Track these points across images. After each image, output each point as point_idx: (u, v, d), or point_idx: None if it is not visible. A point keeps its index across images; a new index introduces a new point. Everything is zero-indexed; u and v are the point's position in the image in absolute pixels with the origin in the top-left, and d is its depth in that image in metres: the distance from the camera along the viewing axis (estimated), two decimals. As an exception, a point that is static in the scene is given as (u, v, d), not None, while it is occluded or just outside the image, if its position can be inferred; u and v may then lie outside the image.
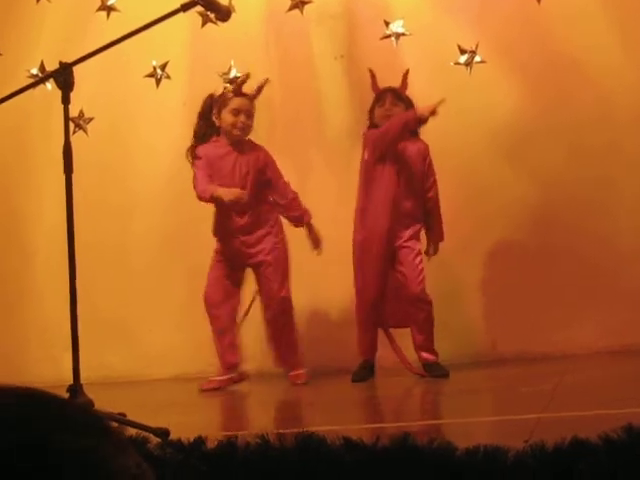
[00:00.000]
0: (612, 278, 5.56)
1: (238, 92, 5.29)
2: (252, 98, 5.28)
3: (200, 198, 5.17)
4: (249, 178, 5.24)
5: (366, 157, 5.24)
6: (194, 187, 5.16)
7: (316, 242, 5.32)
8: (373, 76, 5.32)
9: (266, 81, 5.32)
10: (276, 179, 5.31)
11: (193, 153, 5.24)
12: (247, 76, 5.30)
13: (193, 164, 5.23)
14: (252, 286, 5.31)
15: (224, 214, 5.24)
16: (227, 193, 5.07)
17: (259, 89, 5.29)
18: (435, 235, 5.30)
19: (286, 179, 5.34)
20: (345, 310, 5.48)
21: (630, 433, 2.23)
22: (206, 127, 5.25)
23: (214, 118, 5.25)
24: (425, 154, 5.30)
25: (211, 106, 5.27)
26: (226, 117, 5.24)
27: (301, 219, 5.33)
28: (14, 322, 6.12)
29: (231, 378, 5.24)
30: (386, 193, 5.19)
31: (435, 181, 5.29)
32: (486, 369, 5.28)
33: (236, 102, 5.24)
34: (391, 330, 5.29)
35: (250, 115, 5.26)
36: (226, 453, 2.49)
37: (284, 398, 5.01)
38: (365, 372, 5.17)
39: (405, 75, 5.27)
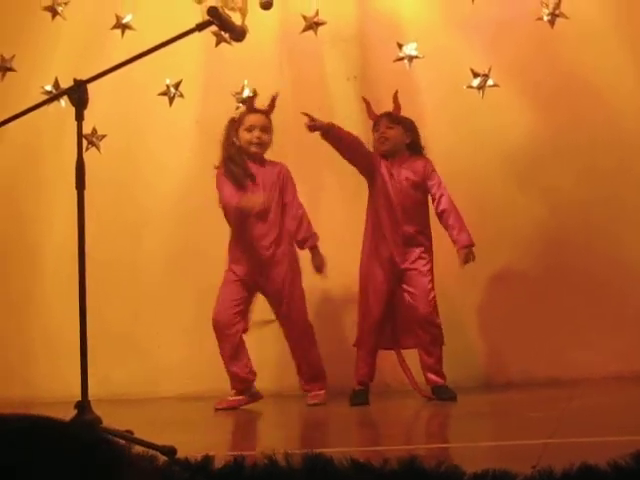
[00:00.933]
0: (622, 301, 5.55)
1: (251, 109, 5.35)
2: (266, 112, 5.33)
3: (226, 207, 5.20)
4: (275, 188, 5.26)
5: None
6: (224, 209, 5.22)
7: (319, 267, 5.25)
8: (368, 104, 5.35)
9: (277, 94, 5.36)
10: (290, 197, 5.31)
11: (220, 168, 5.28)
12: (255, 93, 5.38)
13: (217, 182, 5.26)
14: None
15: (244, 230, 5.24)
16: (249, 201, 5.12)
17: (272, 102, 5.34)
18: (460, 242, 5.20)
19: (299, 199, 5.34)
20: (349, 334, 5.46)
21: (639, 460, 2.21)
22: (230, 150, 5.27)
23: (234, 139, 5.29)
24: (423, 173, 5.28)
25: (232, 129, 5.31)
26: (243, 135, 5.29)
27: (304, 242, 5.29)
28: (23, 336, 6.13)
29: (244, 398, 5.24)
30: (380, 217, 5.20)
31: (442, 195, 5.24)
32: (493, 393, 5.26)
33: (249, 119, 5.30)
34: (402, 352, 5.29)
35: (266, 130, 5.30)
36: (233, 472, 2.48)
37: (291, 419, 4.99)
38: (363, 397, 5.15)
39: (395, 97, 5.29)
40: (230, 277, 5.26)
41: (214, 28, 4.09)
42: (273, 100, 5.35)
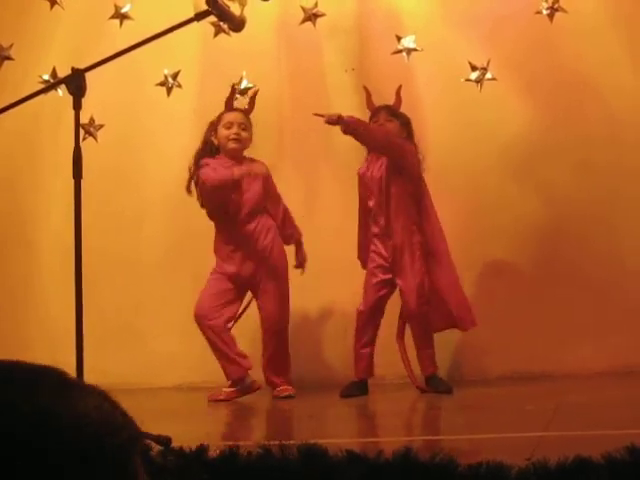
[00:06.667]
0: (618, 297, 5.54)
1: (230, 107, 5.37)
2: (245, 112, 5.36)
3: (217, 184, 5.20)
4: (255, 185, 5.24)
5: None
6: (205, 181, 5.20)
7: (301, 262, 5.33)
8: (368, 94, 5.35)
9: (256, 92, 5.41)
10: (273, 192, 5.32)
11: (197, 165, 5.26)
12: (233, 90, 5.43)
13: (198, 171, 5.25)
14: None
15: (228, 225, 5.25)
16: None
17: (251, 101, 5.40)
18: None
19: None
20: (348, 326, 5.46)
21: (633, 453, 2.22)
22: (206, 150, 5.28)
23: (212, 138, 5.31)
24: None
25: (210, 130, 5.34)
26: (220, 132, 5.29)
27: (291, 237, 5.34)
28: (19, 325, 6.12)
29: (237, 390, 5.22)
30: (361, 213, 5.32)
31: None
32: (489, 387, 5.27)
33: (228, 116, 5.31)
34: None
35: (245, 128, 5.30)
36: (227, 462, 2.49)
37: (284, 410, 5.00)
38: (356, 389, 5.13)
39: (398, 91, 5.31)
40: (215, 275, 5.28)
41: (213, 18, 4.08)
42: (252, 99, 5.40)
